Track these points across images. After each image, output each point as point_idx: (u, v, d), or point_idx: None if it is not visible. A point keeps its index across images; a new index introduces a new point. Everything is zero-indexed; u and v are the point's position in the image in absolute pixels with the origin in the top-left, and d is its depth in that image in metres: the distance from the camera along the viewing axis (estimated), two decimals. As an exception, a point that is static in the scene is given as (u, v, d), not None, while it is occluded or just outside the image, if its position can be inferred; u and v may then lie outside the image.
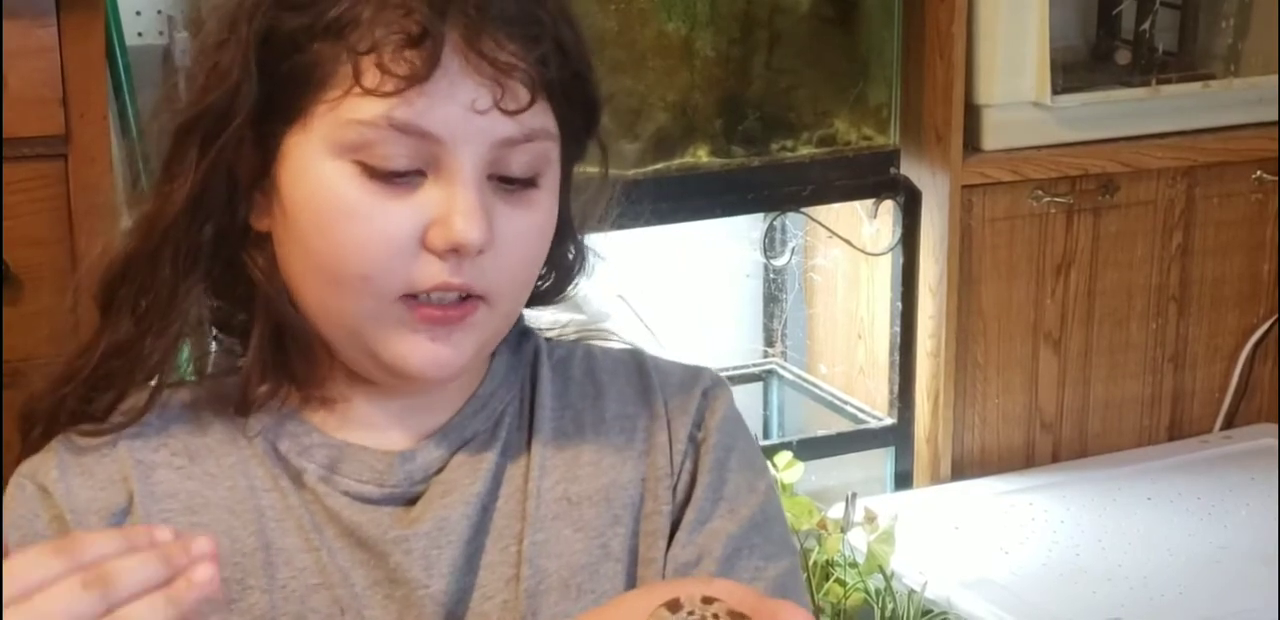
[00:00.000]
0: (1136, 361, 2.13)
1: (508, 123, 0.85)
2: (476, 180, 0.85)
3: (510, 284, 0.89)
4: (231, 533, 0.91)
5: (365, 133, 0.84)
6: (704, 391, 0.98)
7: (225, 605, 0.90)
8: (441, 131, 0.84)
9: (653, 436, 0.96)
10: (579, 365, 1.00)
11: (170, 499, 0.91)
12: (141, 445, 0.92)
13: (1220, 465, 2.07)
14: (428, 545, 0.91)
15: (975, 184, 1.96)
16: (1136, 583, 1.79)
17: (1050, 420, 2.10)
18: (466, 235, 0.84)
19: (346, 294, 0.87)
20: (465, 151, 0.84)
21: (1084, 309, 2.09)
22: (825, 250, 2.06)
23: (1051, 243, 2.04)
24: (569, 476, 0.95)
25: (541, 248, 0.91)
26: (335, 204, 0.85)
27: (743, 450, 0.98)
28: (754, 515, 0.95)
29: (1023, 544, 1.88)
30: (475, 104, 0.84)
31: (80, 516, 0.90)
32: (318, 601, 0.90)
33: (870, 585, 1.75)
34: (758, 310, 2.13)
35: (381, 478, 0.92)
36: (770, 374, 2.12)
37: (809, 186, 1.89)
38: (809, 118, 1.88)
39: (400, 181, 0.85)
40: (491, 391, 0.96)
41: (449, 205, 0.85)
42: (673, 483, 0.95)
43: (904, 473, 2.01)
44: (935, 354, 1.99)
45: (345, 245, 0.86)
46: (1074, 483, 2.02)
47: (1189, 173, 2.08)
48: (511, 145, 0.85)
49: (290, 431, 0.93)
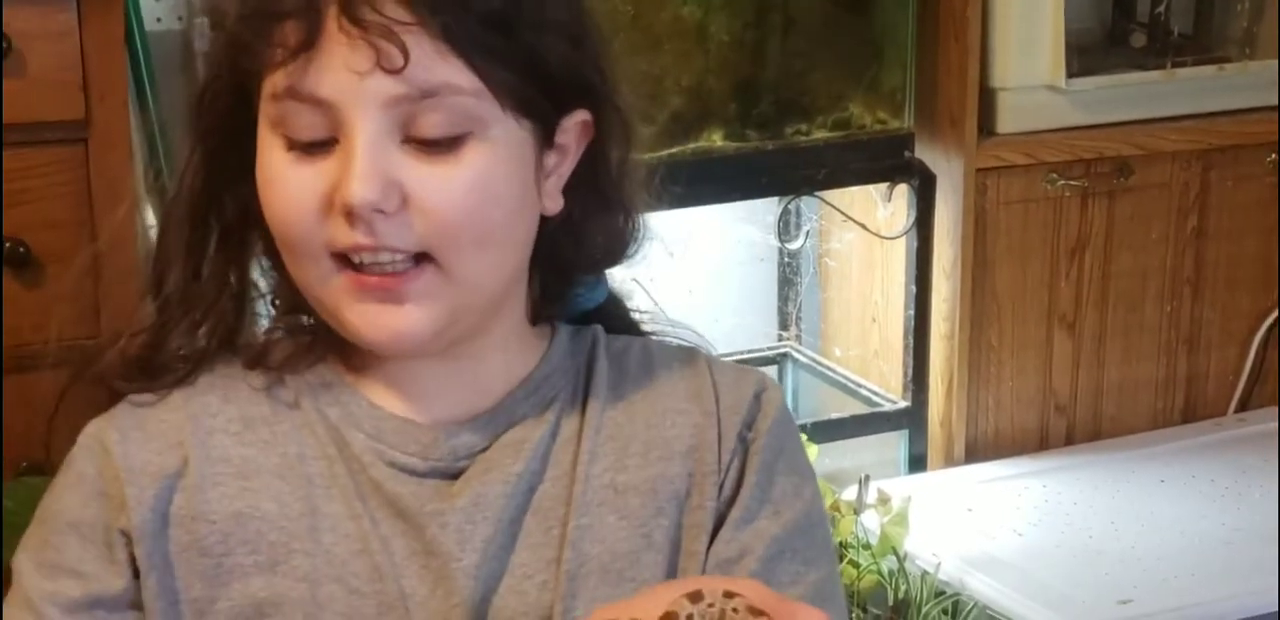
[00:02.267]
0: (1151, 344, 2.13)
1: (395, 82, 0.86)
2: (371, 140, 0.87)
3: (453, 242, 0.89)
4: (280, 498, 0.93)
5: (280, 106, 0.88)
6: (756, 393, 0.99)
7: (272, 567, 0.92)
8: (332, 96, 0.87)
9: (703, 433, 0.97)
10: (635, 358, 1.01)
11: (224, 463, 0.93)
12: (201, 410, 0.95)
13: (1234, 448, 2.07)
14: (463, 520, 0.92)
15: (990, 167, 1.96)
16: (1149, 564, 1.80)
17: (1064, 403, 2.10)
18: (356, 195, 0.86)
19: (296, 259, 0.91)
20: (357, 113, 0.87)
21: (1098, 292, 2.09)
22: (840, 234, 2.07)
23: (1066, 226, 2.04)
24: (617, 465, 0.96)
25: (479, 205, 0.89)
26: (267, 175, 0.90)
27: (791, 455, 0.99)
28: (798, 519, 0.96)
29: (1036, 526, 1.88)
30: (355, 66, 0.86)
31: (134, 477, 0.92)
32: (359, 567, 0.92)
33: (884, 567, 1.76)
34: (772, 294, 2.13)
35: (426, 451, 0.94)
36: (785, 357, 2.13)
37: (823, 170, 1.89)
38: (823, 101, 1.88)
39: (316, 150, 0.88)
40: (545, 376, 0.97)
41: (345, 168, 0.87)
42: (719, 480, 0.96)
43: (918, 455, 2.01)
44: (949, 337, 1.99)
45: (274, 211, 0.90)
46: (1087, 465, 2.03)
47: (1204, 156, 2.08)
48: (410, 102, 0.87)
49: (340, 400, 0.95)
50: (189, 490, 0.92)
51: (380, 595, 0.92)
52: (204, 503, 0.92)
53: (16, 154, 1.39)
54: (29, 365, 1.35)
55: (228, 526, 0.92)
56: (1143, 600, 1.72)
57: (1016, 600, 1.71)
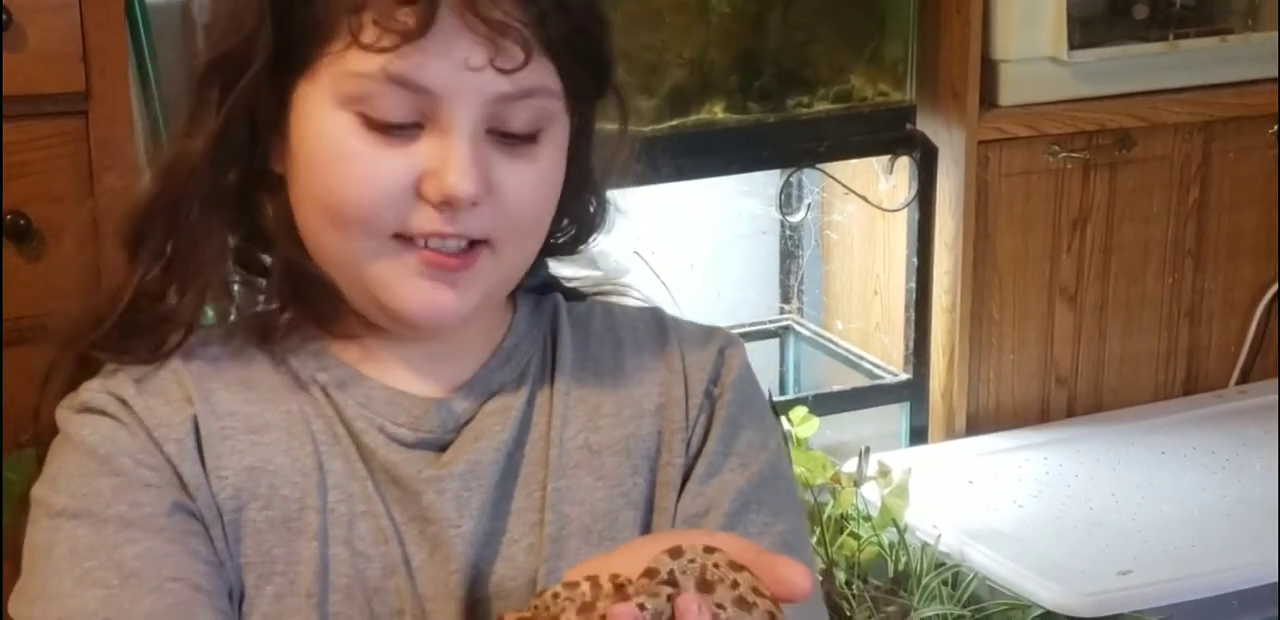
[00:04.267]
0: (1152, 316, 2.13)
1: (502, 80, 0.87)
2: (472, 134, 0.87)
3: (513, 232, 0.91)
4: (291, 452, 0.93)
5: (365, 85, 0.87)
6: (720, 349, 1.01)
7: (285, 523, 0.92)
8: (436, 86, 0.86)
9: (670, 390, 0.99)
10: (599, 320, 1.02)
11: (230, 417, 0.93)
12: (198, 372, 0.94)
13: (1235, 420, 2.08)
14: (460, 487, 0.93)
15: (991, 139, 1.96)
16: (1150, 536, 1.81)
17: (1065, 375, 2.11)
18: (459, 188, 0.87)
19: (347, 235, 0.90)
20: (460, 106, 0.87)
21: (1100, 264, 2.09)
22: (841, 206, 2.07)
23: (1067, 198, 2.04)
24: (590, 426, 0.97)
25: (545, 200, 0.92)
26: (336, 152, 0.88)
27: (755, 409, 1.00)
28: (763, 471, 0.97)
29: (1036, 498, 1.89)
30: (470, 61, 0.86)
31: (159, 430, 0.91)
32: (364, 528, 0.92)
33: (884, 539, 1.76)
34: (774, 266, 2.13)
35: (416, 422, 0.95)
36: (786, 330, 2.13)
37: (825, 142, 1.89)
38: (825, 73, 1.88)
39: (398, 133, 0.88)
40: (516, 344, 0.99)
41: (443, 158, 0.87)
42: (687, 436, 0.98)
43: (919, 428, 2.02)
44: (951, 309, 2.00)
45: (343, 188, 0.89)
46: (1088, 437, 2.03)
47: (1205, 127, 2.08)
48: (508, 101, 0.88)
49: (328, 368, 0.95)
50: (204, 441, 0.92)
51: (385, 558, 0.92)
52: (215, 457, 0.92)
53: (17, 126, 1.39)
54: (30, 338, 1.35)
55: (240, 481, 0.92)
56: (1142, 571, 1.73)
57: (1016, 571, 1.71)
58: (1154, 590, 1.69)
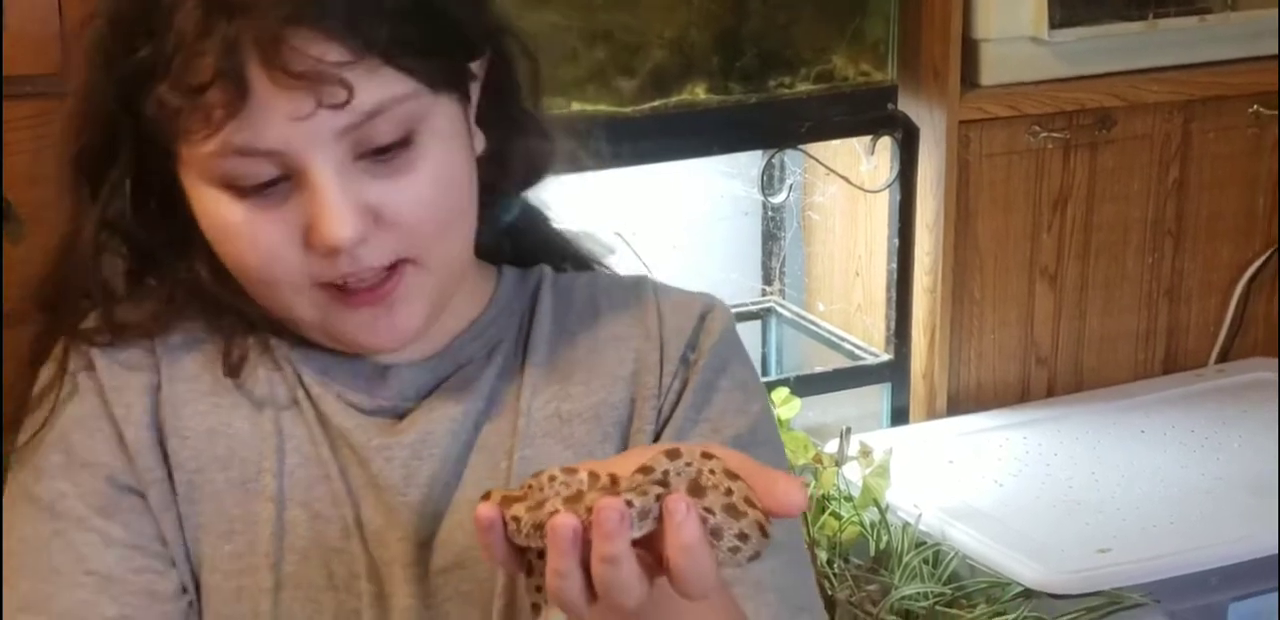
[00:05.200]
0: (1132, 296, 2.14)
1: (340, 114, 0.85)
2: (334, 176, 0.86)
3: (424, 243, 0.90)
4: (251, 417, 0.94)
5: (217, 163, 0.86)
6: (702, 314, 0.99)
7: (243, 485, 0.93)
8: (279, 145, 0.85)
9: (645, 357, 0.98)
10: (581, 292, 1.01)
11: (195, 380, 0.95)
12: (173, 339, 0.96)
13: (1214, 398, 2.09)
14: (409, 456, 0.94)
15: (972, 119, 1.96)
16: (1129, 514, 1.82)
17: (1045, 355, 2.12)
18: (335, 237, 0.86)
19: (269, 294, 0.90)
20: (311, 154, 0.85)
21: (1080, 244, 2.10)
22: (823, 187, 2.07)
23: (1048, 178, 2.05)
24: (561, 395, 0.97)
25: (444, 200, 0.90)
26: (221, 228, 0.89)
27: (736, 372, 0.99)
28: (740, 436, 0.96)
29: (1016, 477, 1.90)
30: (297, 113, 0.84)
31: (112, 393, 0.93)
32: (321, 491, 0.94)
33: (865, 518, 1.77)
34: (756, 248, 2.13)
35: (373, 389, 0.95)
36: (768, 311, 2.13)
37: (806, 123, 1.89)
38: (807, 54, 1.88)
39: (269, 193, 0.87)
40: (492, 319, 0.99)
41: (314, 210, 0.86)
42: (658, 404, 0.97)
43: (900, 408, 2.02)
44: (932, 290, 2.00)
45: (240, 262, 0.89)
46: (1068, 417, 2.04)
47: (1186, 107, 2.08)
48: (359, 127, 0.86)
49: (290, 334, 0.96)
50: (163, 405, 0.94)
51: (342, 521, 0.93)
52: (177, 419, 0.93)
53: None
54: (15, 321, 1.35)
55: (200, 443, 0.93)
56: (1122, 549, 1.73)
57: (997, 550, 1.72)
58: (1133, 568, 1.70)
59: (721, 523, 0.75)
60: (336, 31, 0.84)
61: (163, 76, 0.85)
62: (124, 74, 0.87)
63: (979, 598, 1.68)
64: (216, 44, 0.83)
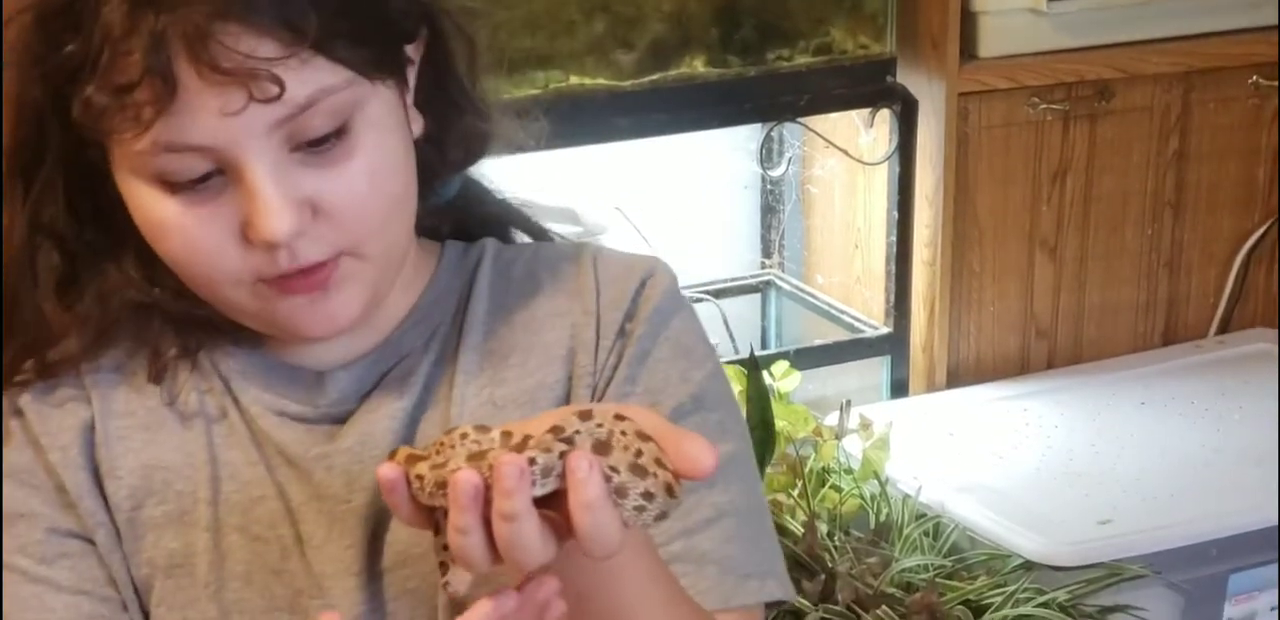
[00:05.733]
0: (1132, 267, 2.14)
1: (271, 108, 0.82)
2: (268, 170, 0.84)
3: (367, 231, 0.88)
4: (184, 447, 0.93)
5: (149, 160, 0.84)
6: (642, 281, 0.96)
7: (180, 517, 0.92)
8: (209, 141, 0.83)
9: (581, 333, 0.95)
10: (521, 266, 0.98)
11: (129, 416, 0.93)
12: (104, 373, 0.94)
13: (1214, 369, 2.09)
14: (349, 461, 0.92)
15: (971, 91, 1.96)
16: (1129, 485, 1.82)
17: (1045, 327, 2.12)
18: (272, 232, 0.84)
19: (210, 288, 0.88)
20: (244, 148, 0.83)
21: (1080, 215, 2.09)
22: (822, 160, 2.06)
23: (1047, 150, 2.04)
24: (495, 379, 0.95)
25: (386, 184, 0.88)
26: (155, 224, 0.86)
27: (676, 339, 0.96)
28: (681, 405, 0.94)
29: (1016, 449, 1.90)
30: (228, 108, 0.82)
31: (46, 437, 0.92)
32: (259, 513, 0.93)
33: (865, 491, 1.77)
34: (755, 221, 2.13)
35: (314, 399, 0.94)
36: (768, 285, 2.13)
37: (805, 96, 1.88)
38: (805, 26, 1.87)
39: (202, 188, 0.85)
40: (432, 302, 0.96)
41: (249, 205, 0.84)
42: (594, 381, 0.94)
43: (900, 381, 2.03)
44: (931, 262, 2.00)
45: (176, 257, 0.87)
46: (1068, 388, 2.04)
47: (1185, 78, 2.07)
48: (292, 119, 0.84)
49: (229, 352, 0.95)
50: (99, 445, 0.93)
51: (281, 541, 0.92)
52: (112, 458, 0.92)
53: None
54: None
55: (135, 480, 0.92)
56: (1122, 521, 1.74)
57: (997, 522, 1.73)
58: (1133, 539, 1.71)
59: (626, 481, 0.73)
60: (265, 25, 0.81)
61: (90, 74, 0.82)
62: (50, 70, 0.84)
63: (979, 570, 1.69)
64: (143, 40, 0.81)
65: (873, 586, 1.61)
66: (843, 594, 1.59)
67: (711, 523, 0.93)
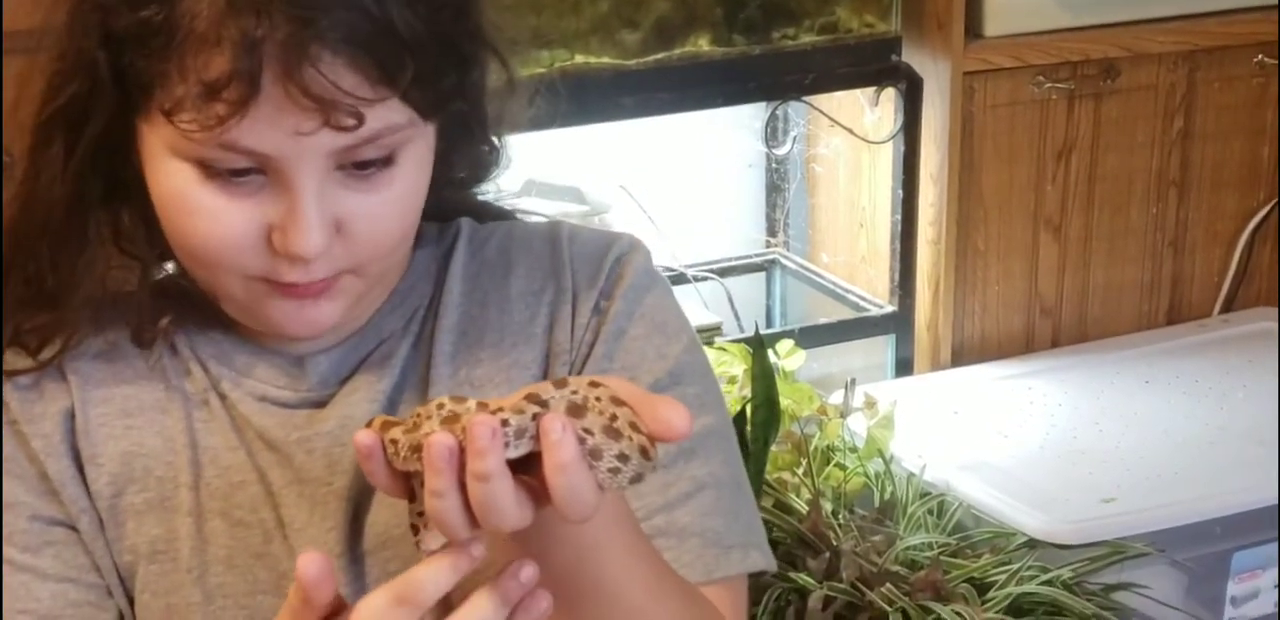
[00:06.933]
0: (1136, 246, 2.14)
1: (341, 136, 0.83)
2: (313, 189, 0.84)
3: (375, 255, 0.89)
4: (165, 432, 0.94)
5: (198, 148, 0.83)
6: (617, 258, 0.97)
7: (161, 503, 0.93)
8: (270, 151, 0.83)
9: (556, 311, 0.96)
10: (496, 245, 0.99)
11: (107, 404, 0.94)
12: (85, 360, 0.94)
13: (1218, 348, 2.09)
14: (330, 443, 0.93)
15: (977, 70, 1.95)
16: (1133, 464, 1.82)
17: (1050, 306, 2.12)
18: (302, 248, 0.84)
19: (211, 274, 0.88)
20: (300, 164, 0.83)
21: (1084, 195, 2.09)
22: (827, 139, 2.06)
23: (1052, 129, 2.04)
24: (471, 360, 0.95)
25: (404, 216, 0.89)
26: (180, 203, 0.86)
27: (651, 315, 0.96)
28: (658, 381, 0.94)
29: (1021, 427, 1.91)
30: (301, 128, 0.82)
31: (29, 425, 0.93)
32: (241, 498, 0.93)
33: (870, 469, 1.78)
34: (760, 200, 2.13)
35: (295, 383, 0.94)
36: (773, 263, 2.14)
37: (810, 75, 1.88)
38: (810, 5, 1.87)
39: (240, 180, 0.85)
40: (411, 285, 0.97)
41: (287, 215, 0.84)
42: (570, 358, 0.95)
43: (904, 359, 2.03)
44: (936, 241, 2.00)
45: (192, 239, 0.87)
46: (1073, 367, 2.05)
47: (1190, 57, 2.07)
48: (354, 148, 0.84)
49: (210, 337, 0.95)
50: (79, 433, 0.93)
51: (263, 524, 0.93)
52: (92, 446, 0.93)
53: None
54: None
55: (115, 467, 0.93)
56: (1126, 499, 1.74)
57: (1001, 500, 1.73)
58: (1137, 517, 1.71)
59: (600, 443, 0.74)
60: (362, 62, 0.81)
61: (164, 49, 0.81)
62: (117, 29, 0.83)
63: (983, 548, 1.69)
64: (236, 40, 0.80)
65: (877, 564, 1.61)
66: (847, 572, 1.59)
67: (691, 496, 0.93)
